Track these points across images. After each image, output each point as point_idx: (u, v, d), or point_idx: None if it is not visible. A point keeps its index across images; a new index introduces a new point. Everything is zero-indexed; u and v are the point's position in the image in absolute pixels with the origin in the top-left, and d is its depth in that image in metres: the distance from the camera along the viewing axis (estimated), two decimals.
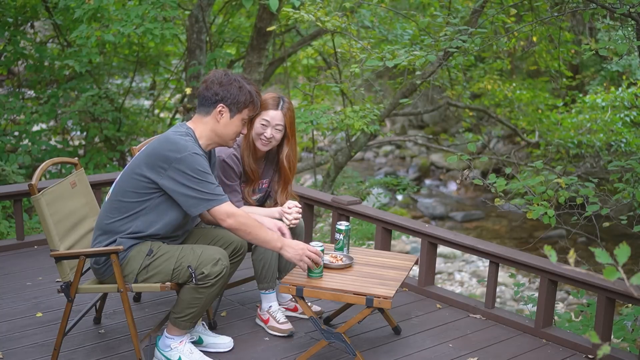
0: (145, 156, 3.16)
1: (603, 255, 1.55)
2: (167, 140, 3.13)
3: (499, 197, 4.61)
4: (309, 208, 4.99)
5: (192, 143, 3.14)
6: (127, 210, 3.18)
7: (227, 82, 3.21)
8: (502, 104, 9.92)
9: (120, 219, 3.19)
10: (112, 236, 3.20)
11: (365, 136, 7.45)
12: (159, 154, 3.11)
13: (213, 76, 3.24)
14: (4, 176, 6.61)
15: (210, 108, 3.22)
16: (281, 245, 3.23)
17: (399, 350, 3.67)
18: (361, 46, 6.27)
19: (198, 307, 3.20)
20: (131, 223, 3.19)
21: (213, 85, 3.21)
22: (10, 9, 8.07)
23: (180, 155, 3.07)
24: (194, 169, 3.07)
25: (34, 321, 3.80)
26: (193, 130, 3.23)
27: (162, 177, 3.10)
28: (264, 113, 3.67)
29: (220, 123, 3.22)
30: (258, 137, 3.71)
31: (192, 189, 3.08)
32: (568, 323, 4.93)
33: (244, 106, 3.23)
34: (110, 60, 9.48)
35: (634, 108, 8.05)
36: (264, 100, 3.67)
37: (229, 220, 3.13)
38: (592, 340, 1.57)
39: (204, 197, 3.09)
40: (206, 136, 3.24)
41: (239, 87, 3.21)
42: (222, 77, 3.22)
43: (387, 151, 15.75)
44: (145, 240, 3.23)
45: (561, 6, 5.89)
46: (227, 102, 3.20)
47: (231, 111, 3.21)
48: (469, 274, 9.73)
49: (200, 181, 3.08)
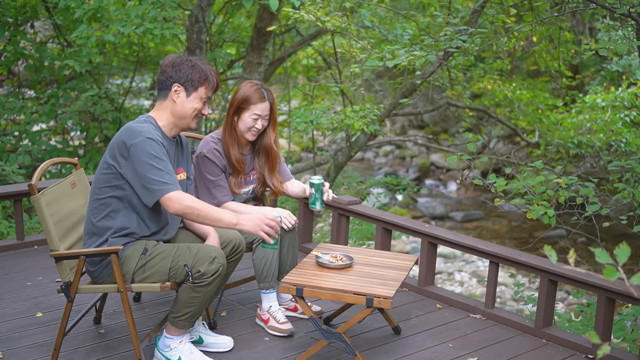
0: (108, 149, 3.18)
1: (603, 255, 1.54)
2: (125, 128, 3.15)
3: (499, 197, 4.61)
4: (309, 208, 4.98)
5: (150, 128, 3.13)
6: (105, 207, 3.19)
7: (179, 62, 3.22)
8: (502, 104, 9.92)
9: (102, 217, 3.20)
10: (100, 237, 3.21)
11: (365, 136, 7.45)
12: (118, 142, 3.12)
13: (166, 60, 3.25)
14: (4, 176, 6.61)
15: (167, 91, 3.22)
16: (236, 220, 3.10)
17: (399, 350, 3.67)
18: (361, 46, 6.27)
19: (196, 306, 3.20)
20: (114, 220, 3.19)
21: (167, 68, 3.22)
22: (10, 9, 8.07)
23: (135, 140, 3.07)
24: (147, 153, 3.06)
25: (34, 321, 3.80)
26: (154, 118, 3.24)
27: (121, 166, 3.11)
28: (253, 108, 3.73)
29: (177, 103, 3.22)
30: (248, 130, 3.76)
31: (143, 178, 3.06)
32: (568, 323, 4.93)
33: (199, 84, 3.22)
34: (110, 60, 9.48)
35: (634, 108, 8.05)
36: (248, 95, 3.73)
37: (175, 205, 3.05)
38: (592, 340, 1.57)
39: (151, 186, 3.06)
40: (166, 120, 3.24)
41: (191, 65, 3.22)
42: (174, 59, 3.24)
43: (387, 151, 15.75)
44: (139, 239, 3.23)
45: (561, 6, 5.89)
46: (181, 81, 3.20)
47: (187, 90, 3.21)
48: (469, 274, 9.73)
49: (151, 167, 3.05)
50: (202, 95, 3.24)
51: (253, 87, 3.77)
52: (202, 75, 3.22)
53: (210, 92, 3.27)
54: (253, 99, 3.72)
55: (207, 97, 3.26)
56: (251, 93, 3.74)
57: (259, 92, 3.75)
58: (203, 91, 3.24)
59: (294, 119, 6.29)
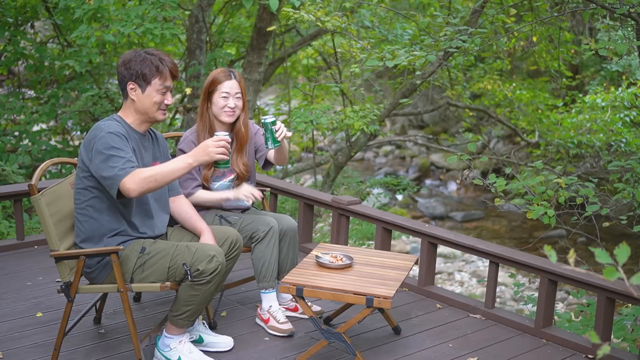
0: (79, 152, 3.21)
1: (603, 255, 1.54)
2: (91, 129, 3.18)
3: (499, 197, 4.61)
4: (309, 208, 4.99)
5: (110, 124, 3.14)
6: (92, 210, 3.18)
7: (128, 60, 3.21)
8: (502, 104, 9.92)
9: (90, 219, 3.19)
10: (95, 241, 3.20)
11: (365, 136, 7.45)
12: (85, 142, 3.15)
13: (120, 59, 3.26)
14: (4, 176, 6.61)
15: (125, 90, 3.24)
16: (192, 159, 3.06)
17: (399, 350, 3.67)
18: (361, 46, 6.27)
19: (195, 304, 3.20)
20: (101, 222, 3.19)
21: (120, 68, 3.23)
22: (10, 9, 8.08)
23: (97, 136, 3.10)
24: (105, 145, 3.06)
25: (34, 321, 3.80)
26: (121, 116, 3.26)
27: (91, 165, 3.12)
28: (220, 87, 3.79)
29: (136, 100, 3.22)
30: (222, 111, 3.80)
31: (104, 169, 3.05)
32: (568, 323, 4.93)
33: (152, 76, 3.20)
34: (110, 60, 9.47)
35: (634, 108, 8.05)
36: (214, 77, 3.79)
37: (132, 186, 2.99)
38: (592, 340, 1.57)
39: (113, 174, 3.02)
40: (133, 117, 3.26)
41: (140, 60, 3.20)
42: (125, 57, 3.23)
43: (387, 151, 15.75)
44: (137, 239, 3.23)
45: (561, 6, 5.90)
46: (133, 79, 3.20)
47: (140, 86, 3.21)
48: (469, 274, 9.73)
49: (109, 157, 3.04)
50: (157, 87, 3.21)
51: (218, 70, 3.86)
52: (152, 68, 3.19)
53: (166, 81, 3.22)
54: (219, 78, 3.80)
55: (164, 87, 3.22)
56: (216, 74, 3.82)
57: (225, 72, 3.83)
58: (157, 82, 3.20)
59: (294, 119, 6.29)
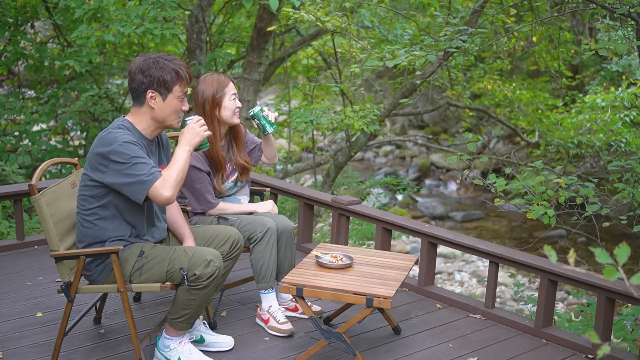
0: (87, 161, 3.15)
1: (603, 255, 1.54)
2: (98, 139, 3.12)
3: (499, 197, 4.61)
4: (309, 208, 4.99)
5: (123, 133, 3.09)
6: (96, 217, 3.17)
7: (146, 67, 3.14)
8: (502, 104, 9.92)
9: (92, 226, 3.18)
10: (98, 247, 3.19)
11: (365, 136, 7.45)
12: (94, 154, 3.09)
13: (133, 65, 3.17)
14: (4, 176, 6.61)
15: (142, 98, 3.16)
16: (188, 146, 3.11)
17: (399, 350, 3.67)
18: (361, 46, 6.27)
19: (193, 308, 3.19)
20: (104, 229, 3.17)
21: (136, 75, 3.15)
22: (10, 9, 8.08)
23: (111, 147, 3.03)
24: (125, 155, 3.02)
25: (34, 321, 3.80)
26: (130, 121, 3.19)
27: (105, 176, 3.07)
28: (227, 90, 3.77)
29: (156, 109, 3.16)
30: (233, 113, 3.79)
31: (128, 176, 3.02)
32: (568, 323, 4.93)
33: (172, 83, 3.15)
34: (110, 60, 9.48)
35: (633, 108, 8.05)
36: (216, 85, 3.76)
37: (168, 192, 2.99)
38: (592, 340, 1.57)
39: (139, 179, 3.01)
40: (146, 124, 3.20)
41: (160, 68, 3.13)
42: (141, 64, 3.15)
43: (387, 151, 15.75)
44: (136, 242, 3.23)
45: (561, 6, 5.89)
46: (154, 87, 3.14)
47: (161, 94, 3.15)
48: (469, 274, 9.72)
49: (132, 165, 3.02)
50: (178, 94, 3.18)
51: (213, 76, 3.80)
52: (173, 74, 3.15)
53: (185, 87, 3.21)
54: (223, 83, 3.77)
55: (182, 93, 3.20)
56: (216, 80, 3.77)
57: (221, 76, 3.80)
58: (178, 89, 3.17)
59: (294, 119, 6.29)
